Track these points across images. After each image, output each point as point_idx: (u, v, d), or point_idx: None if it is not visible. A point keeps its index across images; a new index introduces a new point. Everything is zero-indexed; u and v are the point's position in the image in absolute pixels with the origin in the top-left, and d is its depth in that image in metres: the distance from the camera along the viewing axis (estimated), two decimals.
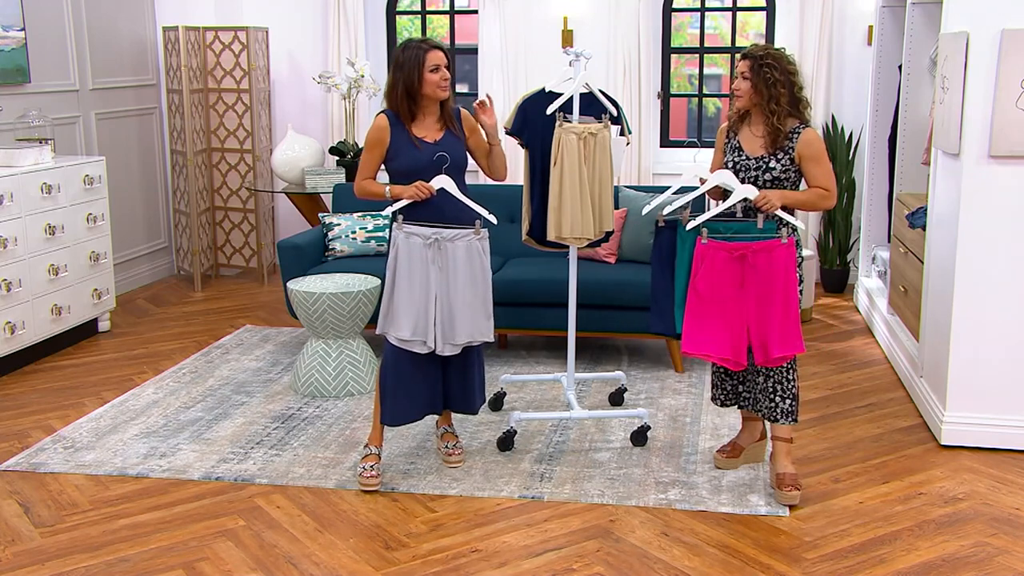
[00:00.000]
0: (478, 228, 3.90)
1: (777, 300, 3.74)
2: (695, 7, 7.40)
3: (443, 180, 3.84)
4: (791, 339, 3.76)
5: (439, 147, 3.88)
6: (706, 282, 3.78)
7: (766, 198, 3.72)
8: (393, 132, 3.88)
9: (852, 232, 7.11)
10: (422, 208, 3.85)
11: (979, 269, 4.24)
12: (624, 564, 3.38)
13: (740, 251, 3.75)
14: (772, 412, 3.89)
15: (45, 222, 5.53)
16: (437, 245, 3.86)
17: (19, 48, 6.08)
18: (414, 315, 3.86)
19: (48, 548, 3.51)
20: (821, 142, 3.81)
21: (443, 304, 3.88)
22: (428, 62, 3.80)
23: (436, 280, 3.87)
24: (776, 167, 3.80)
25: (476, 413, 4.19)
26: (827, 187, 3.79)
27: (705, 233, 3.79)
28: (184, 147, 7.27)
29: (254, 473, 4.08)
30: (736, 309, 3.77)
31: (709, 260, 3.77)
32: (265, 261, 7.59)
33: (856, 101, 7.10)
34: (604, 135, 4.22)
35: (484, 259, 3.92)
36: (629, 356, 5.66)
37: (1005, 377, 4.28)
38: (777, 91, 3.75)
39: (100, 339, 6.09)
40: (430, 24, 7.86)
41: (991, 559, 3.41)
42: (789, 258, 3.74)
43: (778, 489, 3.81)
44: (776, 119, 3.76)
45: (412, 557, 3.43)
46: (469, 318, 3.89)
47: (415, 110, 3.87)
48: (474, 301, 3.90)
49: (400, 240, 3.87)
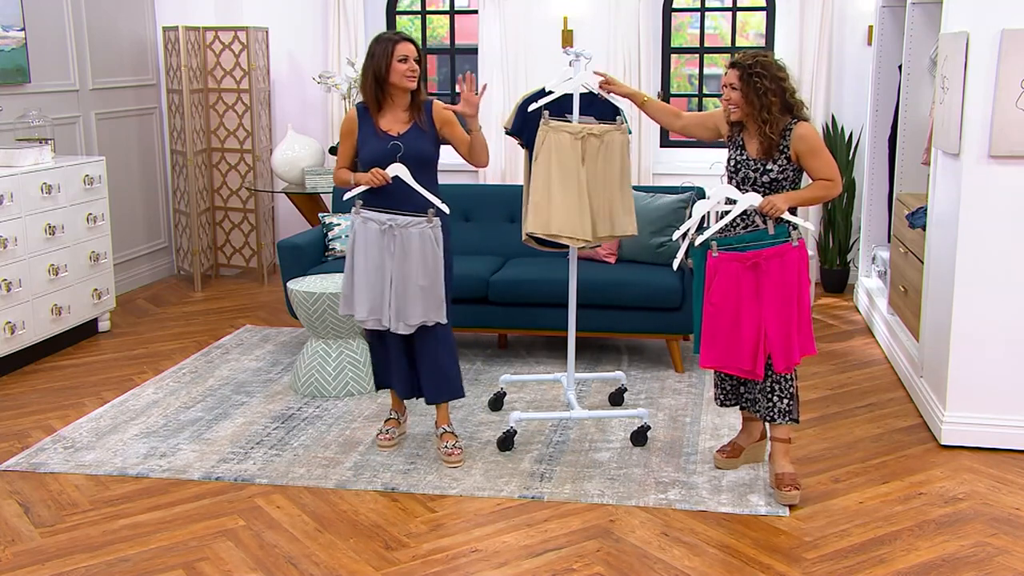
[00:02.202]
0: (431, 216, 4.03)
1: (793, 303, 3.75)
2: (695, 7, 7.40)
3: (398, 168, 3.99)
4: (807, 342, 3.81)
5: (401, 138, 4.02)
6: (720, 294, 3.79)
7: (771, 203, 3.72)
8: (361, 123, 4.07)
9: (852, 232, 7.11)
10: (378, 195, 4.03)
11: (979, 269, 4.24)
12: (624, 564, 3.38)
13: (752, 259, 3.75)
14: (769, 412, 3.89)
15: (45, 222, 5.53)
16: (392, 231, 4.02)
17: (19, 48, 6.08)
18: (370, 297, 4.06)
19: (48, 548, 3.51)
20: (814, 133, 3.77)
21: (397, 287, 4.04)
22: (397, 52, 3.95)
23: (390, 264, 4.03)
24: (773, 169, 3.79)
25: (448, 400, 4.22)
26: (829, 177, 3.76)
27: (715, 246, 3.79)
28: (184, 147, 7.27)
29: (254, 473, 4.08)
30: (752, 319, 3.77)
31: (722, 272, 3.78)
32: (265, 261, 7.59)
33: (856, 101, 7.10)
34: (613, 137, 4.21)
35: (436, 247, 4.04)
36: (629, 356, 5.66)
37: (1005, 377, 4.28)
38: (768, 100, 3.71)
39: (100, 339, 6.09)
40: (430, 24, 7.86)
41: (991, 559, 3.41)
42: (802, 260, 3.76)
43: (777, 489, 3.81)
44: (769, 128, 3.73)
45: (412, 557, 3.43)
46: (421, 302, 4.03)
47: (382, 99, 4.03)
48: (426, 286, 4.02)
49: (357, 224, 4.07)
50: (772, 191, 3.81)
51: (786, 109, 3.76)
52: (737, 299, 3.78)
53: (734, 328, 3.80)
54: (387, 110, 4.06)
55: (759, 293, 3.76)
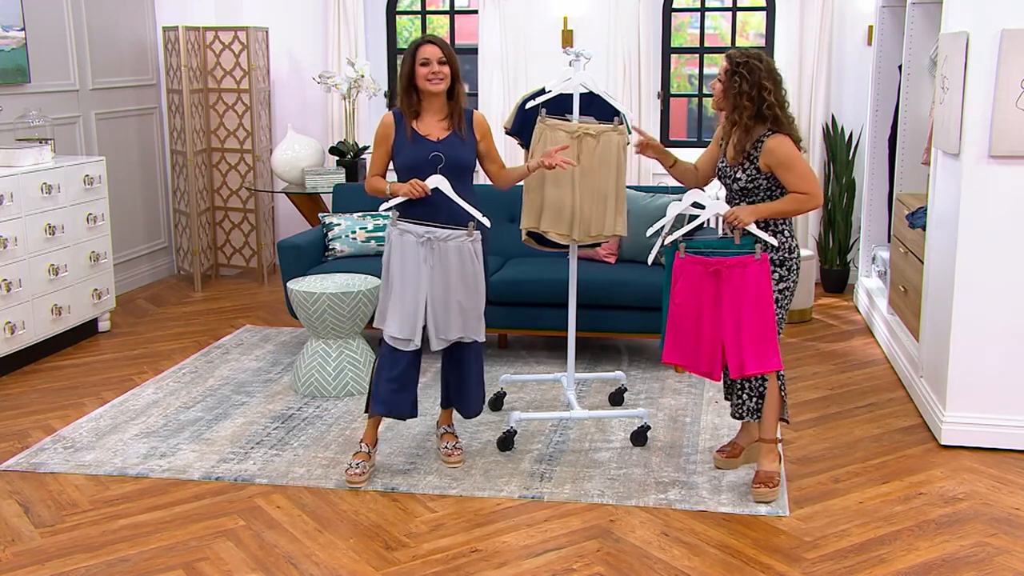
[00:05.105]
0: (471, 230, 3.91)
1: (751, 316, 3.70)
2: (695, 7, 7.40)
3: (438, 180, 3.86)
4: (766, 356, 3.71)
5: (440, 146, 3.90)
6: (683, 296, 3.79)
7: (734, 215, 3.69)
8: (397, 129, 3.95)
9: (852, 232, 7.11)
10: (417, 206, 3.89)
11: (979, 269, 4.24)
12: (624, 564, 3.38)
13: (715, 266, 3.73)
14: (739, 409, 3.92)
15: (45, 222, 5.53)
16: (429, 244, 3.88)
17: (19, 48, 6.08)
18: (404, 314, 3.91)
19: (48, 548, 3.51)
20: (787, 147, 3.68)
21: (434, 303, 3.91)
22: (419, 56, 3.87)
23: (428, 279, 3.90)
24: (742, 177, 3.77)
25: (471, 417, 4.20)
26: (804, 191, 3.69)
27: (683, 248, 3.78)
28: (184, 147, 7.28)
29: (254, 473, 4.08)
30: (711, 324, 3.77)
31: (687, 274, 3.78)
32: (265, 261, 7.59)
33: (856, 101, 7.10)
34: (610, 138, 4.20)
35: (476, 261, 3.93)
36: (629, 356, 5.66)
37: (1005, 377, 4.28)
38: (742, 103, 3.68)
39: (100, 339, 6.09)
40: (430, 24, 7.86)
41: (991, 559, 3.41)
42: (762, 274, 3.69)
43: (751, 487, 3.82)
44: (736, 130, 3.71)
45: (412, 557, 3.43)
46: (460, 318, 3.93)
47: (416, 105, 3.93)
48: (465, 302, 3.92)
49: (394, 237, 3.92)
50: (744, 199, 3.80)
51: (759, 118, 3.71)
52: (699, 302, 3.78)
53: (695, 329, 3.80)
54: (424, 115, 3.94)
55: (719, 300, 3.75)
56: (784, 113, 3.74)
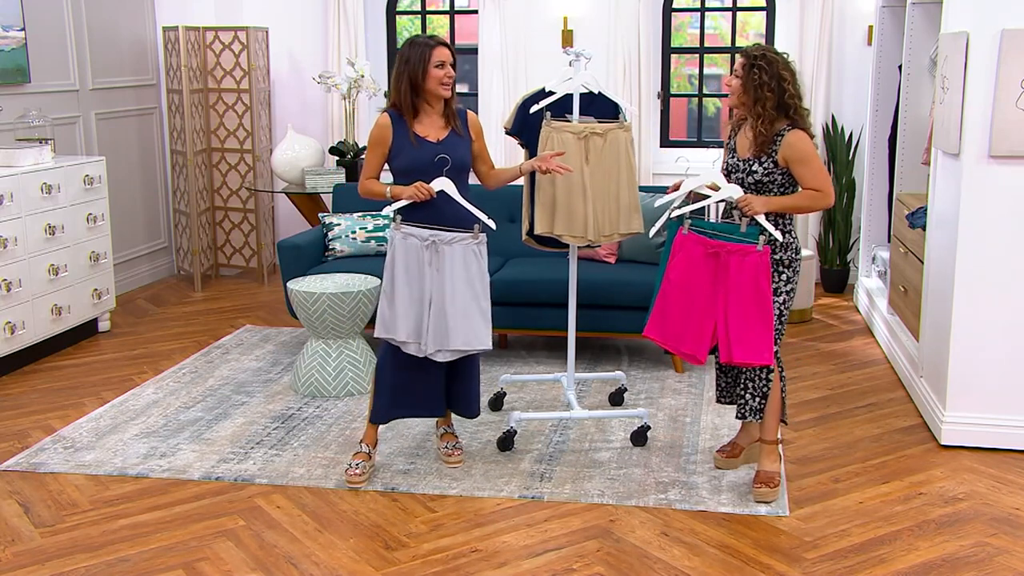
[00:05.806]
0: (476, 232, 3.88)
1: (746, 305, 3.69)
2: (695, 7, 7.40)
3: (443, 182, 3.82)
4: (759, 348, 3.69)
5: (442, 147, 3.86)
6: (678, 272, 3.78)
7: (747, 202, 3.68)
8: (395, 130, 3.87)
9: (852, 232, 7.11)
10: (421, 209, 3.84)
11: (979, 269, 4.24)
12: (624, 564, 3.38)
13: (715, 248, 3.73)
14: (742, 409, 3.91)
15: (45, 222, 5.53)
16: (434, 247, 3.84)
17: (19, 48, 6.08)
18: (409, 317, 3.87)
19: (48, 548, 3.51)
20: (806, 143, 3.71)
21: (437, 307, 3.86)
22: (434, 57, 3.80)
23: (432, 282, 3.86)
24: (759, 170, 3.77)
25: (472, 417, 4.19)
26: (818, 188, 3.71)
27: (687, 224, 3.78)
28: (184, 147, 7.28)
29: (254, 473, 4.08)
30: (704, 305, 3.75)
31: (686, 251, 3.77)
32: (265, 261, 7.59)
33: (856, 101, 7.10)
34: (617, 136, 4.20)
35: (481, 264, 3.89)
36: (629, 356, 5.66)
37: (1005, 377, 4.28)
38: (763, 94, 3.70)
39: (100, 339, 6.09)
40: (430, 24, 7.86)
41: (991, 559, 3.41)
42: (761, 267, 3.68)
43: (752, 486, 3.81)
44: (760, 122, 3.71)
45: (412, 557, 3.43)
46: (465, 323, 3.85)
47: (418, 106, 3.86)
48: (471, 305, 3.87)
49: (397, 240, 3.87)
50: (757, 193, 3.80)
51: (781, 109, 3.73)
52: (692, 282, 3.76)
53: (684, 308, 3.78)
54: (422, 116, 3.88)
55: (714, 282, 3.75)
56: (802, 104, 3.77)
